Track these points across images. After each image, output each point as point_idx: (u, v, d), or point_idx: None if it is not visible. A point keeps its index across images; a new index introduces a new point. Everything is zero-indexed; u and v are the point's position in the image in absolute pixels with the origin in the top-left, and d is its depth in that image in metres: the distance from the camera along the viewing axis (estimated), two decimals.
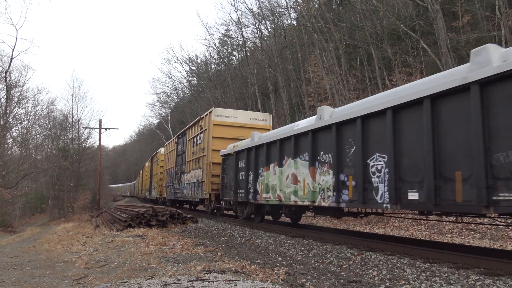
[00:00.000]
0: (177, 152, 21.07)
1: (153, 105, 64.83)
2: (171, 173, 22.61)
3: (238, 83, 36.93)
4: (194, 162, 16.97)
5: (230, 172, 13.16)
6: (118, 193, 73.04)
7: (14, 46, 46.91)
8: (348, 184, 7.18)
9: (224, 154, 13.67)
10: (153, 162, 32.99)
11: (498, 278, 4.54)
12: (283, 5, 32.26)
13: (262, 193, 10.67)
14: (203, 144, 15.65)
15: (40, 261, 8.16)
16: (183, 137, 20.11)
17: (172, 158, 22.64)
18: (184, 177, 18.65)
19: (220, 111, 15.28)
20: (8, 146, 32.33)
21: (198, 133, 16.50)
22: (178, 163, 20.47)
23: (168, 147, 24.95)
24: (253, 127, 14.58)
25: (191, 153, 17.66)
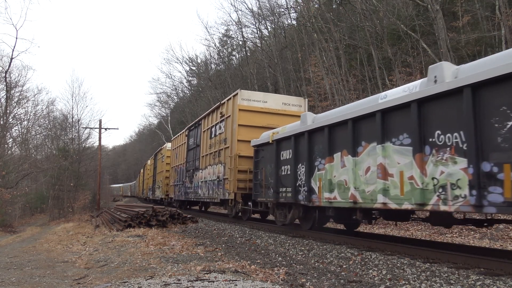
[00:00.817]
0: (188, 146, 18.83)
1: (153, 105, 64.97)
2: (180, 170, 20.26)
3: (238, 83, 36.93)
4: (211, 156, 14.71)
5: (267, 167, 10.57)
6: (120, 193, 72.95)
7: (14, 46, 47.03)
8: (503, 177, 4.72)
9: (258, 145, 11.16)
10: (156, 159, 30.81)
11: (498, 278, 4.54)
12: (283, 5, 32.31)
13: (320, 192, 8.13)
14: (225, 134, 13.37)
15: (40, 261, 8.16)
16: (196, 129, 17.76)
17: (181, 153, 20.28)
18: (198, 175, 16.35)
19: (247, 94, 12.75)
20: (8, 146, 32.34)
21: (218, 122, 14.21)
22: (190, 159, 18.14)
23: (176, 142, 22.39)
24: (285, 114, 12.57)
25: (207, 146, 15.31)
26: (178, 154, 21.23)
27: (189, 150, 18.57)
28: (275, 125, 11.68)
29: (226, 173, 12.91)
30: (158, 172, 28.51)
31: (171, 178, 23.15)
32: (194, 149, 17.54)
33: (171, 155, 23.89)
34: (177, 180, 20.79)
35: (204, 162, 15.66)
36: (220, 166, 13.57)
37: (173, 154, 23.10)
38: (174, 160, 22.40)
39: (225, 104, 13.73)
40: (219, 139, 13.98)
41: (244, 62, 36.78)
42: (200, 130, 16.80)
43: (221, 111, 13.99)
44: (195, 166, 17.07)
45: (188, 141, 18.88)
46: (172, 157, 23.41)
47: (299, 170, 9.06)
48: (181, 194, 19.56)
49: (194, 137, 17.79)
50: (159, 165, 28.26)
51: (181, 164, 20.07)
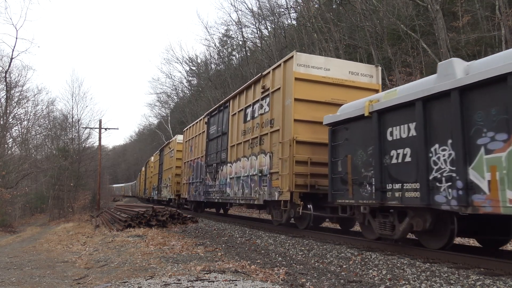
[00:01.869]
0: (208, 135, 15.70)
1: (153, 105, 64.97)
2: (197, 165, 17.10)
3: (238, 83, 36.92)
4: (247, 145, 11.67)
5: (356, 153, 7.34)
6: (122, 193, 72.76)
7: (14, 46, 47.01)
8: None
9: (337, 122, 7.86)
10: (163, 155, 27.21)
11: (498, 278, 4.54)
12: (283, 5, 32.30)
13: (496, 189, 4.95)
14: (270, 115, 10.39)
15: (40, 261, 8.16)
16: (220, 114, 14.58)
17: (198, 145, 17.15)
18: (225, 169, 13.23)
19: (305, 58, 9.73)
20: (8, 146, 32.33)
21: (257, 100, 11.21)
22: (212, 151, 15.07)
23: (190, 132, 19.03)
24: (352, 86, 9.86)
25: (240, 133, 12.27)
26: (194, 146, 18.05)
27: (210, 140, 15.46)
28: (340, 101, 9.29)
29: (274, 166, 9.87)
30: (166, 169, 25.30)
31: (183, 175, 19.72)
32: (218, 138, 14.39)
33: (183, 149, 20.41)
34: (193, 177, 17.63)
35: (235, 154, 12.55)
36: (263, 156, 10.58)
37: (186, 147, 19.85)
38: (187, 154, 19.22)
39: (269, 75, 10.70)
40: (260, 122, 10.91)
41: (244, 62, 36.78)
42: (227, 114, 13.61)
43: (263, 85, 10.93)
44: (219, 159, 13.93)
45: (209, 130, 15.76)
46: (185, 151, 20.00)
47: (434, 155, 5.89)
48: (199, 194, 16.46)
49: (218, 123, 14.63)
50: (167, 161, 25.17)
51: (198, 158, 17.00)
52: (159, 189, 28.07)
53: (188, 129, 19.76)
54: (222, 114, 14.40)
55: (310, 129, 9.37)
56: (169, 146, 24.72)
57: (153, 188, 31.71)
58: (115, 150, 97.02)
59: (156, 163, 30.68)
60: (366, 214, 7.21)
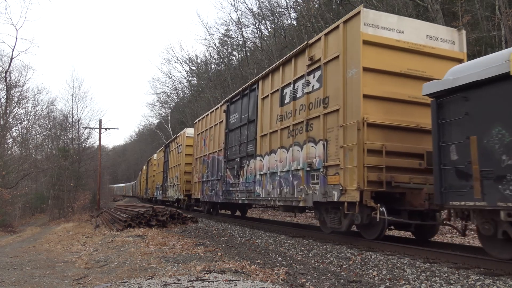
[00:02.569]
0: (228, 126, 13.55)
1: (153, 105, 64.89)
2: (213, 161, 14.82)
3: (238, 83, 36.93)
4: (287, 133, 9.47)
5: (488, 133, 5.18)
6: (123, 193, 72.58)
7: (14, 46, 46.91)
8: None
9: (451, 89, 5.71)
10: (168, 151, 24.99)
11: (498, 278, 4.54)
12: (283, 5, 32.28)
13: None
14: (323, 92, 8.13)
15: (40, 261, 8.17)
16: (244, 98, 12.43)
17: (215, 137, 14.96)
18: (254, 164, 11.11)
19: (374, 16, 7.52)
20: (8, 146, 32.34)
21: (301, 76, 9.01)
22: (233, 143, 12.97)
23: (203, 124, 16.85)
24: (431, 54, 7.81)
25: (275, 119, 10.12)
26: (208, 139, 15.79)
27: (230, 131, 13.22)
28: (418, 72, 7.64)
29: (330, 157, 7.75)
30: (172, 166, 22.88)
31: (195, 172, 17.60)
32: (243, 128, 12.23)
33: (194, 143, 18.21)
34: (208, 174, 15.38)
35: (267, 145, 10.44)
36: (312, 146, 8.39)
37: (198, 140, 17.60)
38: (200, 149, 16.95)
39: (319, 43, 8.46)
40: (306, 103, 8.69)
41: (244, 62, 36.77)
42: (254, 98, 11.58)
43: (310, 56, 8.67)
44: (245, 152, 11.82)
45: (228, 119, 13.55)
46: (196, 145, 17.78)
47: None
48: (216, 194, 14.23)
49: (241, 110, 12.50)
50: (173, 157, 22.72)
51: (214, 153, 14.74)
52: (164, 189, 25.57)
53: (201, 120, 17.23)
54: (247, 99, 12.15)
55: (382, 108, 7.32)
56: (176, 141, 22.24)
57: (157, 187, 29.40)
58: (115, 150, 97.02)
59: (161, 160, 28.14)
60: (506, 224, 4.98)
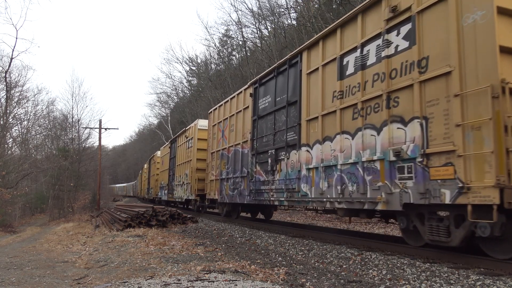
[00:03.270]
0: (256, 111, 11.29)
1: (153, 105, 64.96)
2: (235, 155, 12.74)
3: (238, 83, 36.94)
4: (352, 113, 7.23)
5: None
6: (124, 193, 72.48)
7: (14, 46, 47.14)
8: None
9: None
10: (175, 147, 22.40)
11: (498, 278, 4.54)
12: (283, 5, 32.27)
13: None
14: (418, 52, 5.90)
15: (40, 261, 8.16)
16: (280, 77, 10.19)
17: (238, 127, 12.71)
18: (298, 156, 8.84)
19: None
20: (8, 146, 32.34)
21: (374, 36, 6.83)
22: (264, 132, 10.72)
23: (221, 112, 14.41)
24: None
25: (330, 97, 7.89)
26: (229, 130, 13.43)
27: (260, 118, 11.05)
28: None
29: (435, 141, 5.52)
30: (181, 163, 20.43)
31: (210, 169, 15.31)
32: (279, 113, 10.05)
33: (209, 136, 15.93)
34: (229, 171, 13.08)
35: (318, 131, 8.16)
36: (398, 127, 6.15)
37: (214, 132, 15.22)
38: (217, 142, 14.67)
39: None
40: (387, 70, 6.47)
41: (244, 62, 36.77)
42: (297, 73, 9.23)
43: (392, 6, 6.43)
44: (284, 142, 9.57)
45: (257, 104, 11.34)
46: (212, 138, 15.44)
47: None
48: (240, 194, 12.04)
49: (276, 92, 10.27)
50: (182, 153, 20.47)
51: (237, 145, 12.57)
52: (170, 188, 23.06)
53: (218, 108, 14.80)
54: (283, 77, 9.97)
55: None
56: (185, 134, 19.75)
57: (161, 187, 26.87)
58: (115, 150, 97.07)
59: (166, 157, 25.60)
60: None
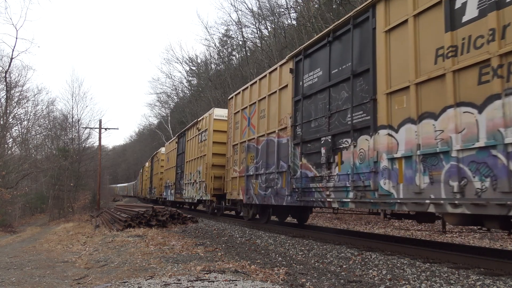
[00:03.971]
0: (298, 90, 9.21)
1: (153, 105, 64.91)
2: (266, 146, 10.46)
3: (238, 83, 36.93)
4: (478, 74, 4.95)
5: None
6: (125, 193, 72.42)
7: (14, 46, 47.20)
8: None
9: None
10: (183, 142, 20.00)
11: (498, 278, 4.54)
12: (283, 5, 32.27)
13: None
14: None
15: (40, 261, 8.17)
16: (338, 42, 7.99)
17: (271, 112, 10.44)
18: (372, 143, 6.70)
19: None
20: (8, 146, 32.37)
21: None
22: (313, 115, 8.60)
23: (245, 97, 12.26)
24: None
25: (432, 56, 5.65)
26: (257, 116, 11.15)
27: (306, 97, 8.84)
28: None
29: None
30: (191, 159, 17.93)
31: (232, 165, 12.90)
32: (336, 88, 7.87)
33: (230, 125, 13.43)
34: (258, 166, 10.85)
35: (409, 106, 5.98)
36: None
37: (236, 121, 12.81)
38: (240, 132, 12.34)
39: None
40: None
41: (244, 62, 36.77)
42: (367, 33, 7.10)
43: None
44: (347, 124, 7.41)
45: (300, 81, 9.11)
46: (233, 128, 12.99)
47: None
48: (277, 194, 9.71)
49: (331, 62, 8.11)
50: (193, 148, 17.93)
51: (271, 134, 10.28)
52: (178, 188, 20.42)
53: (242, 93, 12.42)
54: (343, 42, 7.77)
55: None
56: (197, 126, 17.42)
57: (167, 186, 24.46)
58: (115, 150, 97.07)
59: (172, 153, 23.20)
60: None
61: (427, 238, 9.92)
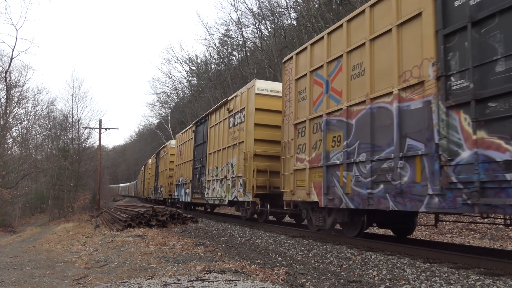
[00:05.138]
0: (446, 16, 5.62)
1: (153, 105, 64.95)
2: (376, 119, 6.78)
3: (238, 83, 36.93)
4: None
5: None
6: (127, 193, 72.37)
7: (14, 46, 47.22)
8: None
9: None
10: (204, 130, 16.59)
11: (498, 278, 4.54)
12: (283, 5, 32.28)
13: None
14: None
15: (40, 261, 8.17)
16: None
17: (386, 62, 6.71)
18: None
19: None
20: (8, 146, 32.38)
21: None
22: None
23: (330, 46, 8.22)
24: None
25: None
26: (348, 77, 7.55)
27: (479, 25, 5.16)
28: None
29: None
30: (217, 150, 14.49)
31: (294, 152, 9.17)
32: None
33: (286, 100, 9.78)
34: (350, 150, 7.35)
35: None
36: None
37: (300, 91, 9.18)
38: (310, 105, 8.72)
39: None
40: None
41: (244, 62, 36.78)
42: None
43: None
44: None
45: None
46: (296, 100, 9.31)
47: None
48: (402, 192, 6.09)
49: None
50: (220, 136, 14.37)
51: (378, 100, 6.83)
52: (198, 186, 16.84)
53: (310, 48, 8.88)
54: None
55: None
56: (227, 107, 13.72)
57: (179, 184, 20.70)
58: (115, 150, 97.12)
59: (187, 145, 19.57)
60: None
61: (427, 238, 9.92)
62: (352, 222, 7.90)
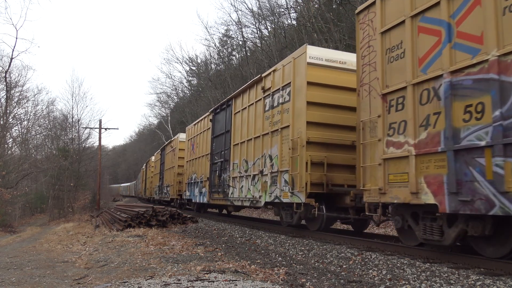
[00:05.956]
0: None
1: (153, 105, 64.96)
2: None
3: (238, 83, 36.94)
4: None
5: None
6: (128, 192, 72.32)
7: (14, 46, 47.22)
8: None
9: None
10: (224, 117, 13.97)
11: (498, 278, 4.54)
12: (283, 5, 32.29)
13: None
14: None
15: (40, 261, 8.17)
16: None
17: None
18: None
19: None
20: (8, 146, 32.37)
21: None
22: None
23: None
24: None
25: None
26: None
27: None
28: None
29: None
30: (247, 139, 11.78)
31: (384, 133, 6.47)
32: None
33: (367, 63, 7.05)
34: None
35: None
36: None
37: (396, 46, 6.38)
38: (411, 66, 5.98)
39: None
40: None
41: (244, 62, 36.78)
42: None
43: None
44: None
45: None
46: (389, 61, 6.52)
47: None
48: None
49: None
50: (249, 122, 11.75)
51: None
52: (219, 184, 13.85)
53: None
54: None
55: None
56: (261, 85, 11.10)
57: (191, 183, 17.93)
58: (115, 150, 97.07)
59: (200, 138, 17.01)
60: None
61: None
62: (498, 236, 5.27)
